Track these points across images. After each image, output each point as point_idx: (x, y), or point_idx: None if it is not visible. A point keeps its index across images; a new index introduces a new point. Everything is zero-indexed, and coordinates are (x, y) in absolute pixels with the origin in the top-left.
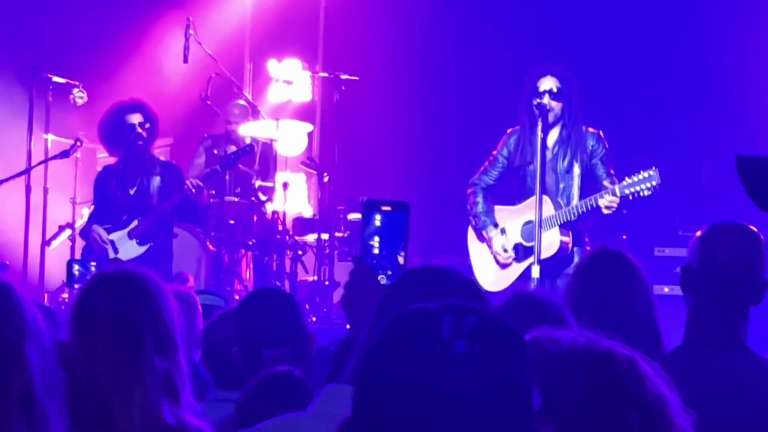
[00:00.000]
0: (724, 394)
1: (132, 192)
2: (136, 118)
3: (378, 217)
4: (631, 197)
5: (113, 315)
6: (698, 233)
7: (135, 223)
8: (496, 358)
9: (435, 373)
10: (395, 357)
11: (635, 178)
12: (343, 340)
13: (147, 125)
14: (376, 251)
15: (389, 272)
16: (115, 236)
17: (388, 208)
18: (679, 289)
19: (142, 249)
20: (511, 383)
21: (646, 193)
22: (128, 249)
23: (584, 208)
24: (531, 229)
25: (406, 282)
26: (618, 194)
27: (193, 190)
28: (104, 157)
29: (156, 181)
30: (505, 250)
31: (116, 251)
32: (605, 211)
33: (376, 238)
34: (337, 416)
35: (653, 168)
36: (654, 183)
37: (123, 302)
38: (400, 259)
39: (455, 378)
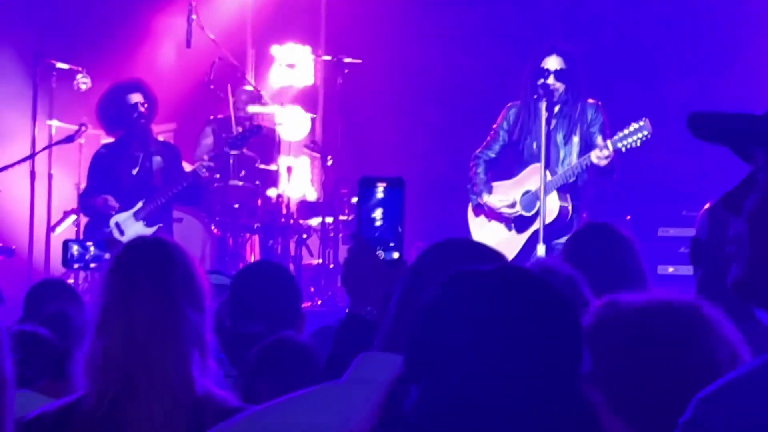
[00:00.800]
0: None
1: (135, 172)
2: (136, 98)
3: (374, 192)
4: (623, 149)
5: (150, 268)
6: (707, 206)
7: (140, 204)
8: (551, 317)
9: (493, 331)
10: (454, 316)
11: (626, 131)
12: (346, 314)
13: (146, 104)
14: (376, 225)
15: (391, 244)
16: (119, 218)
17: (384, 184)
18: (683, 269)
19: (149, 230)
20: (563, 343)
21: (637, 143)
22: (135, 230)
23: (579, 168)
24: (529, 199)
25: (434, 254)
26: (611, 148)
27: (205, 172)
28: (108, 142)
29: (157, 161)
30: (509, 205)
31: (122, 233)
32: (597, 162)
33: (375, 213)
34: (373, 382)
35: (643, 119)
36: (645, 133)
37: (160, 258)
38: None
39: (513, 336)
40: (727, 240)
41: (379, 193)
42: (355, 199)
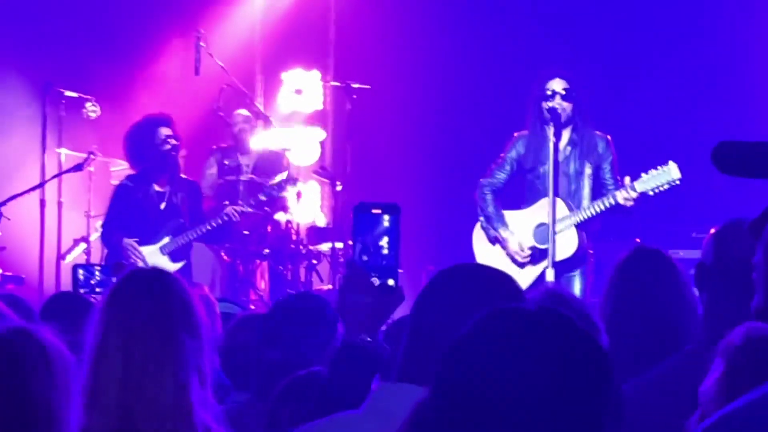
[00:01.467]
0: None
1: (162, 207)
2: (165, 132)
3: (370, 219)
4: (651, 193)
5: (148, 298)
6: (712, 230)
7: (167, 239)
8: (586, 366)
9: (525, 375)
10: (488, 355)
11: (653, 173)
12: (341, 342)
13: (174, 140)
14: (371, 252)
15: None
16: (145, 251)
17: (380, 211)
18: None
19: (175, 266)
20: (594, 393)
21: (665, 188)
22: (159, 265)
23: (602, 207)
24: (544, 231)
25: (444, 280)
26: (637, 190)
27: (237, 217)
28: (117, 170)
29: (181, 197)
30: (522, 249)
31: (147, 265)
32: (624, 203)
33: (371, 240)
34: (391, 415)
35: (670, 162)
36: (674, 177)
37: (157, 288)
38: (365, 257)
39: (545, 381)
40: (750, 266)
41: (375, 219)
42: None
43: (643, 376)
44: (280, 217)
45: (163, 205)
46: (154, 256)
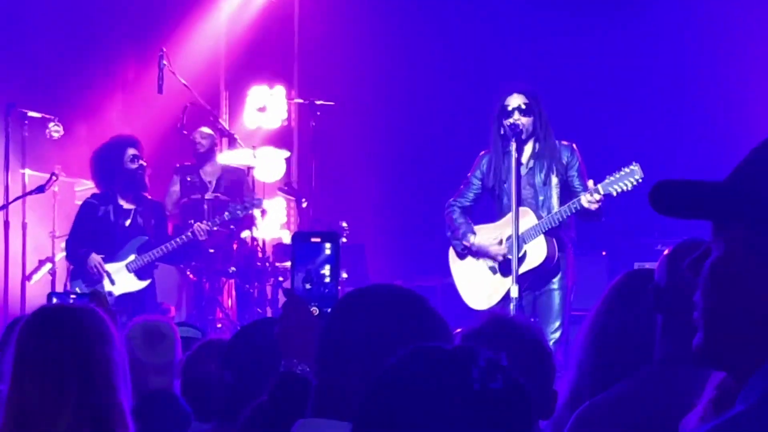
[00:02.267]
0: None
1: (127, 224)
2: (132, 152)
3: (309, 247)
4: (614, 193)
5: (42, 350)
6: (666, 251)
7: (133, 257)
8: (506, 404)
9: (447, 414)
10: (409, 394)
11: (617, 175)
12: (279, 373)
13: (142, 160)
14: (308, 285)
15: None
16: (111, 267)
17: (318, 239)
18: None
19: (141, 284)
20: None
21: (629, 188)
22: (126, 282)
23: (568, 212)
24: (512, 244)
25: (351, 308)
26: (601, 192)
27: (203, 235)
28: (81, 190)
29: (146, 216)
30: (498, 243)
31: (112, 283)
32: (588, 206)
33: (310, 268)
34: None
35: (634, 163)
36: (637, 177)
37: (52, 338)
38: (307, 285)
39: (473, 418)
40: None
41: (316, 248)
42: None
43: (599, 396)
44: (245, 234)
45: (128, 223)
46: (120, 273)
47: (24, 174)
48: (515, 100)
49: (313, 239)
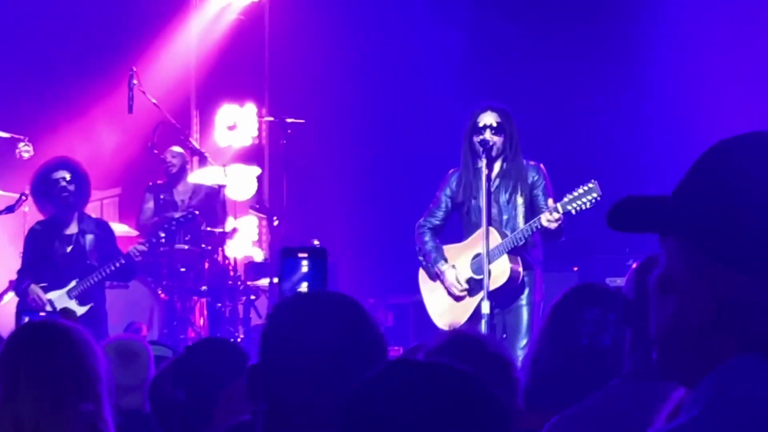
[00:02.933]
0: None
1: (68, 250)
2: (61, 174)
3: (296, 264)
4: (573, 212)
5: (36, 361)
6: (633, 265)
7: (74, 283)
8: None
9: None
10: (383, 408)
11: (575, 193)
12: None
13: (73, 182)
14: None
15: None
16: (53, 295)
17: (306, 255)
18: None
19: (83, 309)
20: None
21: (587, 206)
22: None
23: (529, 231)
24: (480, 262)
25: (285, 313)
26: (560, 211)
27: (138, 256)
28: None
29: (90, 238)
30: (459, 282)
31: (55, 311)
32: (548, 225)
33: (297, 285)
34: None
35: (592, 181)
36: (595, 195)
37: (46, 349)
38: None
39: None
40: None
41: (302, 264)
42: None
43: (569, 409)
44: (217, 254)
45: (69, 248)
46: (62, 300)
47: None
48: (488, 118)
49: (300, 255)
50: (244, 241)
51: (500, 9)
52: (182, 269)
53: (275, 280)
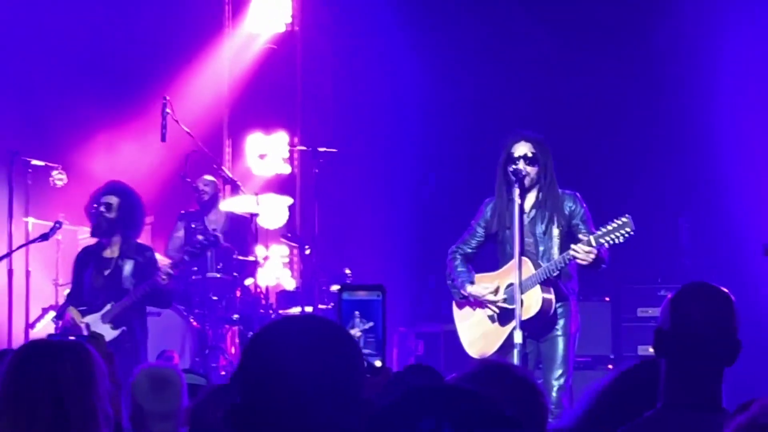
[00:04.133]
0: None
1: (106, 273)
2: (107, 199)
3: (354, 300)
4: (606, 245)
5: (41, 393)
6: (669, 295)
7: (108, 307)
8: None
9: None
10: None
11: (609, 227)
12: None
13: (119, 209)
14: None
15: (373, 352)
16: (89, 319)
17: (364, 292)
18: None
19: (115, 333)
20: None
21: (620, 240)
22: (102, 333)
23: (562, 263)
24: (512, 292)
25: (267, 342)
26: (593, 244)
27: (165, 279)
28: (85, 238)
29: (129, 264)
30: (494, 292)
31: (89, 333)
32: (581, 262)
33: (355, 321)
34: None
35: (626, 216)
36: (628, 230)
37: (50, 378)
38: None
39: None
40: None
41: (358, 301)
42: (334, 287)
43: None
44: (248, 282)
45: (107, 272)
46: (96, 324)
47: (27, 222)
48: (522, 149)
49: (359, 292)
50: (275, 270)
51: (532, 37)
52: (214, 297)
53: (307, 309)
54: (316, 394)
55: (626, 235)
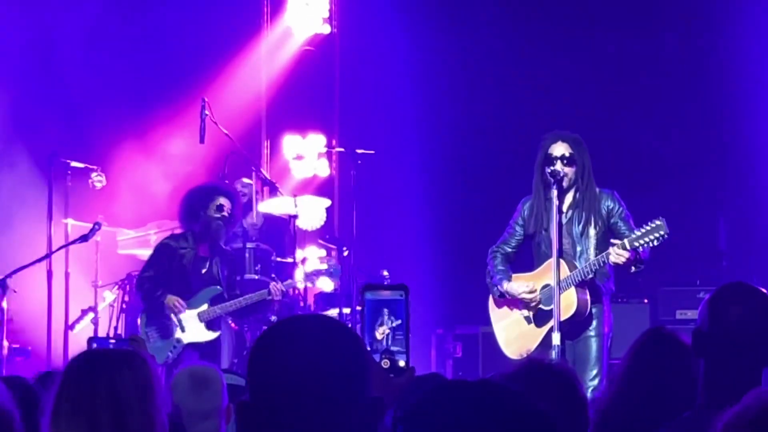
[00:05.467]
0: None
1: (203, 272)
2: (225, 202)
3: (378, 299)
4: (640, 248)
5: (98, 398)
6: (707, 296)
7: (205, 306)
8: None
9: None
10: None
11: (643, 230)
12: None
13: (231, 213)
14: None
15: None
16: (184, 315)
17: (388, 292)
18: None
19: (211, 335)
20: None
21: (654, 243)
22: (195, 331)
23: (597, 265)
24: (549, 293)
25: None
26: (628, 247)
27: (279, 295)
28: (124, 239)
29: (220, 266)
30: (530, 292)
31: (183, 330)
32: (615, 263)
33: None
34: None
35: (660, 218)
36: (662, 233)
37: (107, 384)
38: (378, 335)
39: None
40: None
41: (383, 300)
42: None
43: None
44: (299, 280)
45: (204, 270)
46: (191, 321)
47: (67, 224)
48: (559, 149)
49: (382, 291)
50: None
51: (567, 35)
52: None
53: (345, 310)
54: (321, 393)
55: (661, 239)
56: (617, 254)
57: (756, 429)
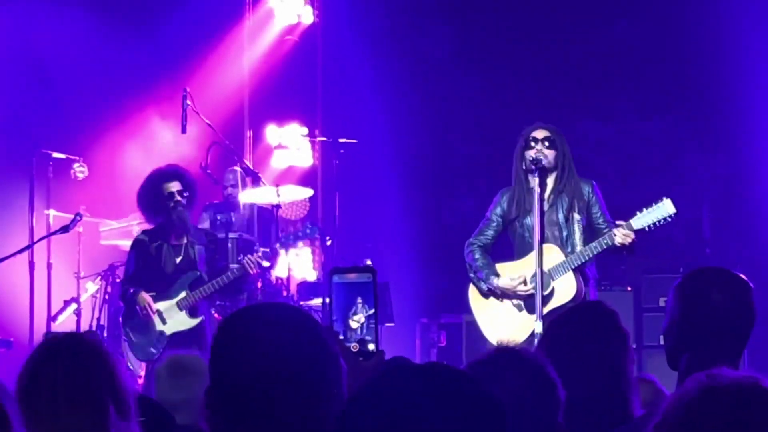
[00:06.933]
0: None
1: (178, 261)
2: (174, 186)
3: (345, 283)
4: (647, 229)
5: (74, 380)
6: (676, 282)
7: (183, 294)
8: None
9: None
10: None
11: (646, 211)
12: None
13: (186, 193)
14: (350, 317)
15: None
16: (162, 306)
17: (354, 274)
18: None
19: (193, 322)
20: None
21: (662, 223)
22: (177, 321)
23: (599, 248)
24: (542, 279)
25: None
26: (634, 227)
27: (254, 268)
28: (106, 230)
29: (199, 249)
30: (517, 279)
31: (164, 322)
32: (621, 244)
33: (347, 304)
34: None
35: (664, 198)
36: (669, 211)
37: (83, 363)
38: (352, 324)
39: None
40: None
41: (351, 283)
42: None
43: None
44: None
45: (179, 259)
46: (171, 311)
47: (49, 215)
48: (539, 133)
49: (349, 274)
50: (297, 261)
51: (555, 26)
52: None
53: (327, 300)
54: (282, 378)
55: (668, 218)
56: (624, 235)
57: (692, 412)
